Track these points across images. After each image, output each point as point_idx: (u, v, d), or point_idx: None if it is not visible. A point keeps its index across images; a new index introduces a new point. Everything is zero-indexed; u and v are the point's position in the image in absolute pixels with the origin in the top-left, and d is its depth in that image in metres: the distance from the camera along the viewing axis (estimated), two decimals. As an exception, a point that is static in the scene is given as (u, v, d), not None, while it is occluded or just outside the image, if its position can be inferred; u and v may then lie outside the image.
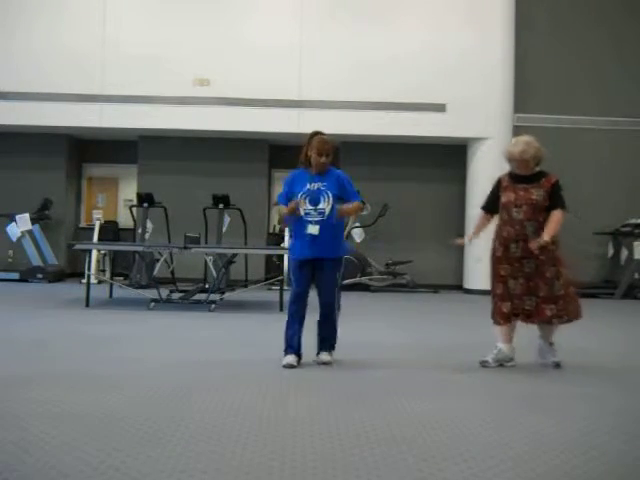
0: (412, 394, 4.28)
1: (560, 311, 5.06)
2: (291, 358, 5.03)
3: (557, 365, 5.12)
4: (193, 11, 11.59)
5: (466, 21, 11.54)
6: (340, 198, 5.05)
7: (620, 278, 11.71)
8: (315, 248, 5.00)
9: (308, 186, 5.02)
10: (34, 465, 2.83)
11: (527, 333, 5.31)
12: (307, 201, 5.00)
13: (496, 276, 5.17)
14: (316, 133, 5.13)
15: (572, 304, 5.11)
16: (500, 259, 5.13)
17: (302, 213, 4.98)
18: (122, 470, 2.79)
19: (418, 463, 2.98)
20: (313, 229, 4.97)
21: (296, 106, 11.38)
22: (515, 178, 5.18)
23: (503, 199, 5.17)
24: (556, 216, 5.03)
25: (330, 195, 5.00)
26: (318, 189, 5.01)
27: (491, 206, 5.31)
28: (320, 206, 4.99)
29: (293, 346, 5.07)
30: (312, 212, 4.99)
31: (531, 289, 5.08)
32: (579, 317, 5.16)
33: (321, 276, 5.07)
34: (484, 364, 5.17)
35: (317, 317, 5.14)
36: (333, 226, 5.03)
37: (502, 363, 5.18)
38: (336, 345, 5.19)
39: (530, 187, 5.09)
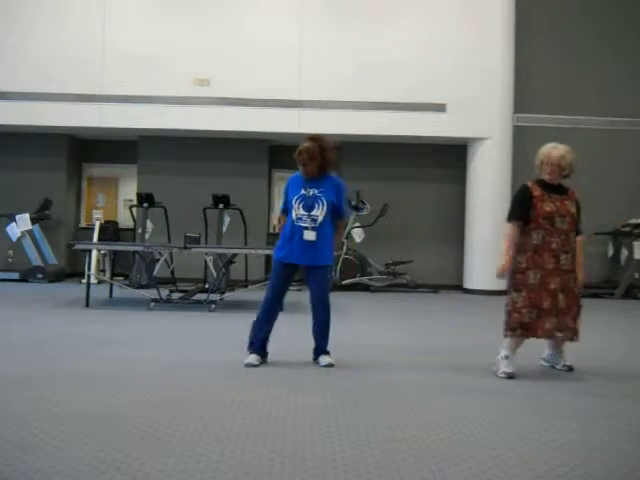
0: (412, 394, 4.29)
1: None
2: (254, 357, 5.01)
3: (570, 369, 5.10)
4: (193, 11, 11.57)
5: (466, 21, 11.53)
6: (335, 206, 5.01)
7: (620, 278, 11.71)
8: (306, 255, 4.94)
9: (302, 191, 4.97)
10: (34, 465, 2.83)
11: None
12: (301, 206, 4.94)
13: (544, 290, 4.80)
14: (308, 139, 5.03)
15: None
16: (552, 272, 4.82)
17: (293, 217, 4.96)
18: (122, 470, 2.79)
19: (418, 463, 2.98)
20: (309, 235, 4.92)
21: (296, 106, 11.37)
22: (545, 187, 4.97)
23: (545, 208, 4.88)
24: (579, 247, 4.96)
25: (325, 202, 4.94)
26: (314, 195, 4.95)
27: (524, 215, 4.91)
28: (313, 212, 4.93)
29: (258, 346, 5.05)
30: (305, 217, 4.93)
31: (571, 304, 4.87)
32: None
33: (313, 283, 5.02)
34: (508, 375, 4.84)
35: (311, 321, 5.10)
36: (323, 234, 4.97)
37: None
38: (335, 345, 5.18)
39: (563, 199, 4.94)
